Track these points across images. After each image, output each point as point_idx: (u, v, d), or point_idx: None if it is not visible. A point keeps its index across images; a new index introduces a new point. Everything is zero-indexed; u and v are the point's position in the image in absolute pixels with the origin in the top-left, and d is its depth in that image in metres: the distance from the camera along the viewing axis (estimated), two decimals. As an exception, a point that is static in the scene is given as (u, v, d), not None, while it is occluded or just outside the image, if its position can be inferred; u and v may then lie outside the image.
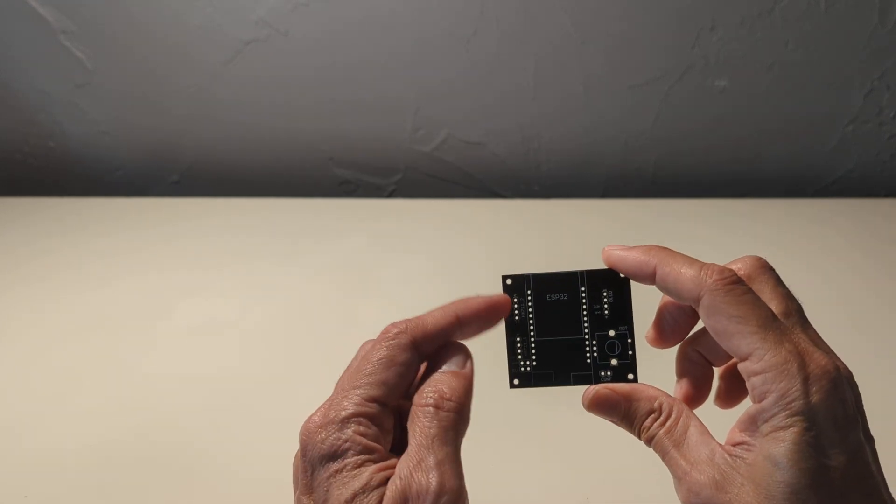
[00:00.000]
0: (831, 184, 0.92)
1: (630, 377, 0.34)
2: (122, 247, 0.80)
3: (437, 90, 0.87)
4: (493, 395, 0.32)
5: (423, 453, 0.29)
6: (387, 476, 0.29)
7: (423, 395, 0.31)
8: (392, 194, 0.97)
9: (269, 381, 0.62)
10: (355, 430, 0.29)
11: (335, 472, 0.28)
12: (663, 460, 0.32)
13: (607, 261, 0.34)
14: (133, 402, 0.60)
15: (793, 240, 0.79)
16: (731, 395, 0.34)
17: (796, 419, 0.28)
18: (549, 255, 0.76)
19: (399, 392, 0.31)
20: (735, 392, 0.34)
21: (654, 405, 0.33)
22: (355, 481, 0.28)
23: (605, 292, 0.35)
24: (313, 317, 0.70)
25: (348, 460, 0.29)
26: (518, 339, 0.35)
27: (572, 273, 0.35)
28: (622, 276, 0.34)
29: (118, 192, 0.97)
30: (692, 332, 0.35)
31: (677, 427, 0.32)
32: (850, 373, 0.30)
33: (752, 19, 0.80)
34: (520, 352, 0.35)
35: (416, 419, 0.30)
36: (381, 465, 0.29)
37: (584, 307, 0.35)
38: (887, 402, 0.45)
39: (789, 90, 0.85)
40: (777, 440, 0.28)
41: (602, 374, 0.35)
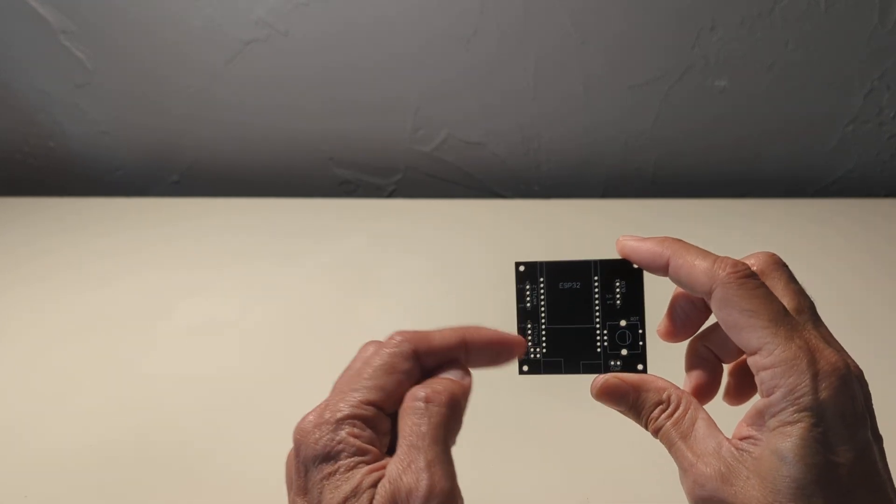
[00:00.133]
0: (831, 184, 0.92)
1: (640, 368, 0.34)
2: (122, 247, 0.80)
3: (437, 90, 0.87)
4: (493, 394, 0.32)
5: (413, 454, 0.28)
6: (378, 478, 0.28)
7: (415, 392, 0.30)
8: (392, 194, 0.97)
9: (269, 381, 0.62)
10: (349, 431, 0.29)
11: (328, 474, 0.28)
12: (669, 452, 0.32)
13: (621, 251, 0.34)
14: (133, 402, 0.60)
15: (793, 240, 0.79)
16: (741, 391, 0.34)
17: (804, 415, 0.28)
18: (549, 255, 0.75)
19: (397, 399, 0.31)
20: (744, 389, 0.34)
21: (663, 396, 0.33)
22: (347, 484, 0.28)
23: (618, 282, 0.35)
24: (313, 317, 0.69)
25: (342, 462, 0.28)
26: (529, 325, 0.35)
27: (586, 262, 0.35)
28: (635, 266, 0.34)
29: (118, 192, 0.97)
30: (702, 328, 0.35)
31: (685, 419, 0.32)
32: (860, 371, 0.30)
33: (752, 19, 0.80)
34: (530, 339, 0.35)
35: (406, 416, 0.30)
36: (373, 466, 0.28)
37: (597, 296, 0.35)
38: (888, 402, 0.45)
39: (789, 90, 0.85)
40: (784, 435, 0.28)
41: (612, 363, 0.35)
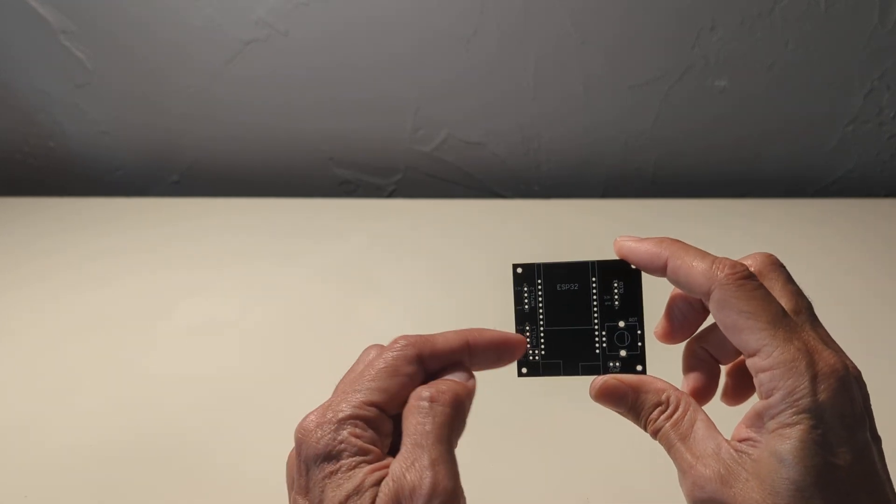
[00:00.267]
0: (831, 184, 0.92)
1: (639, 369, 0.34)
2: (122, 247, 0.80)
3: (437, 90, 0.87)
4: (493, 394, 0.32)
5: (417, 452, 0.28)
6: (380, 476, 0.28)
7: (419, 392, 0.30)
8: (392, 194, 0.97)
9: (269, 380, 0.62)
10: (351, 431, 0.29)
11: (330, 473, 0.28)
12: (668, 453, 0.32)
13: (619, 251, 0.34)
14: (133, 402, 0.60)
15: (793, 240, 0.79)
16: (738, 392, 0.34)
17: (803, 416, 0.28)
18: (549, 255, 0.75)
19: (399, 402, 0.31)
20: (742, 390, 0.34)
21: (662, 398, 0.33)
22: (349, 483, 0.28)
23: (616, 283, 0.35)
24: (313, 317, 0.69)
25: (343, 462, 0.28)
26: (527, 327, 0.35)
27: (583, 263, 0.35)
28: (633, 267, 0.34)
29: (118, 192, 0.97)
30: (700, 329, 0.35)
31: (684, 420, 0.32)
32: (858, 372, 0.30)
33: (752, 19, 0.80)
34: (528, 341, 0.35)
35: (411, 415, 0.30)
36: (375, 465, 0.28)
37: (595, 297, 0.35)
38: (888, 402, 0.45)
39: (789, 90, 0.85)
40: (783, 437, 0.28)
41: (611, 364, 0.35)
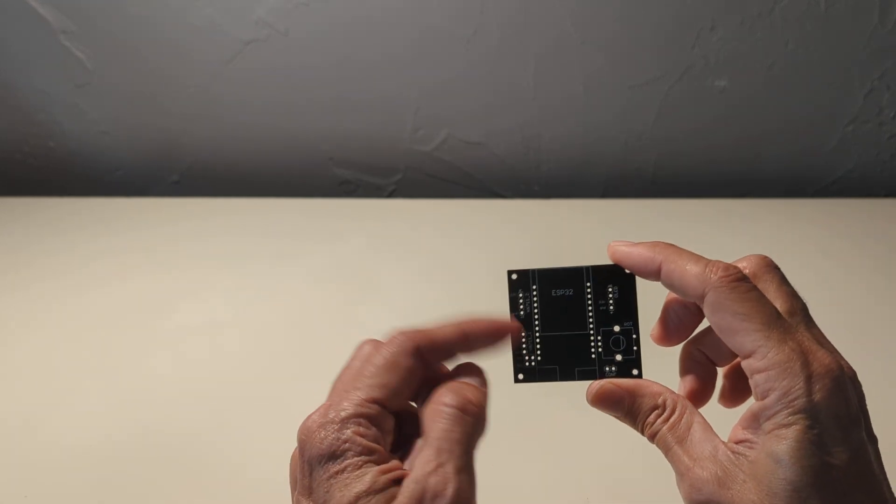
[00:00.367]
0: (831, 184, 0.92)
1: (635, 372, 0.34)
2: (122, 247, 0.80)
3: (437, 90, 0.87)
4: (493, 394, 0.32)
5: (444, 458, 0.28)
6: (394, 477, 0.28)
7: (445, 396, 0.30)
8: (392, 194, 0.97)
9: (268, 380, 0.62)
10: (355, 430, 0.29)
11: (336, 472, 0.28)
12: (666, 456, 0.32)
13: (612, 256, 0.34)
14: (132, 403, 0.60)
15: (793, 240, 0.79)
16: (735, 394, 0.34)
17: (799, 417, 0.28)
18: (549, 255, 0.76)
19: (400, 397, 0.31)
20: (739, 391, 0.34)
21: (658, 401, 0.33)
22: (358, 483, 0.28)
23: (611, 288, 0.35)
24: (313, 317, 0.70)
25: (349, 461, 0.28)
26: (523, 334, 0.35)
27: (577, 269, 0.35)
28: (627, 271, 0.34)
29: (118, 192, 0.97)
30: (695, 332, 0.35)
31: (681, 423, 0.32)
32: (853, 372, 0.30)
33: (752, 19, 0.80)
34: (524, 347, 0.35)
35: (437, 420, 0.29)
36: (384, 467, 0.28)
37: (590, 302, 0.35)
38: (888, 402, 0.45)
39: (789, 90, 0.85)
40: (780, 438, 0.28)
41: (607, 369, 0.35)
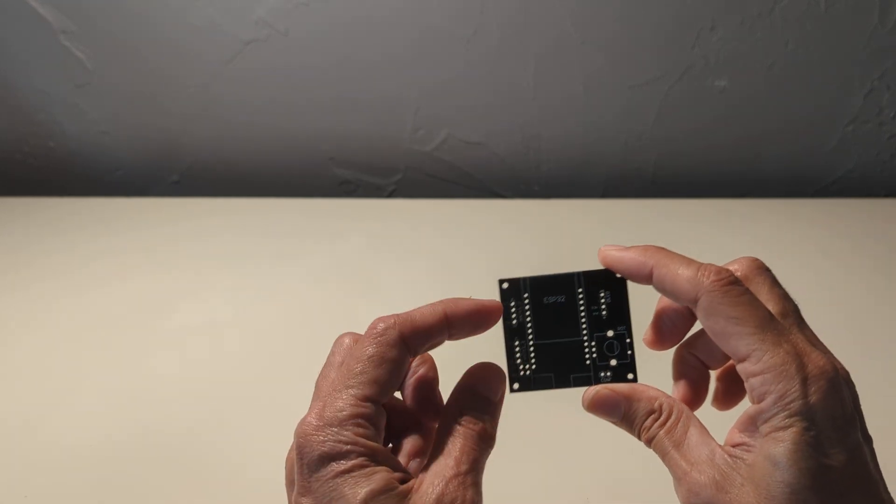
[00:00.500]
0: (831, 184, 0.92)
1: (630, 377, 0.34)
2: (122, 247, 0.80)
3: (437, 90, 0.87)
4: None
5: (463, 468, 0.30)
6: (399, 478, 0.29)
7: (471, 413, 0.31)
8: (392, 194, 0.97)
9: (268, 380, 0.62)
10: (354, 431, 0.29)
11: (341, 472, 0.28)
12: (663, 461, 0.32)
13: (603, 261, 0.34)
14: (132, 403, 0.60)
15: (793, 240, 0.79)
16: (729, 396, 0.34)
17: (795, 419, 0.28)
18: (548, 255, 0.76)
19: (391, 389, 0.31)
20: (732, 394, 0.34)
21: (654, 405, 0.32)
22: (367, 481, 0.28)
23: (603, 293, 0.34)
24: (313, 317, 0.70)
25: (354, 461, 0.28)
26: (517, 343, 0.35)
27: (569, 275, 0.35)
28: (619, 276, 0.34)
29: (118, 192, 0.97)
30: (688, 336, 0.35)
31: (677, 427, 0.32)
32: (847, 373, 0.30)
33: (752, 19, 0.80)
34: (519, 356, 0.35)
35: (461, 437, 0.31)
36: (399, 475, 0.29)
37: (582, 308, 0.34)
38: (889, 402, 0.45)
39: (789, 90, 0.85)
40: (776, 440, 0.28)
41: (602, 374, 0.34)
